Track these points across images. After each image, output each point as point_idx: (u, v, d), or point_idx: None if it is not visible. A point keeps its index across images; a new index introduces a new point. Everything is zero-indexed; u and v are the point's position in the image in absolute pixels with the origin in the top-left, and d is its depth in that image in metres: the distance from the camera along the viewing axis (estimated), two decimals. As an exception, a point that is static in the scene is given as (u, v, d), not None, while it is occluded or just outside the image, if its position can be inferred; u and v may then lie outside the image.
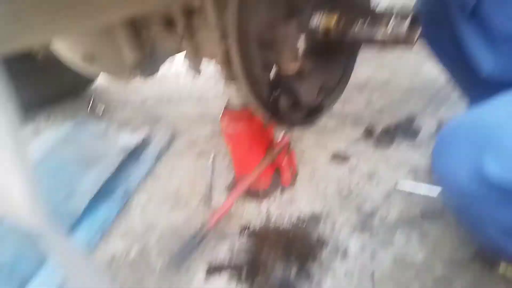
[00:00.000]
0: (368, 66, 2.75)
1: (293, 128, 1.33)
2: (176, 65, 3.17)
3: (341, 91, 1.48)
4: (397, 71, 2.60)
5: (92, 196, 1.64)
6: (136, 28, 1.39)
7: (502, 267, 1.10)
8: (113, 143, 2.10)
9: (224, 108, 1.46)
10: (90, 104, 2.65)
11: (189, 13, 1.20)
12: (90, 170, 1.86)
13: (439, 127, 1.81)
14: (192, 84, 2.96)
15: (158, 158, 2.00)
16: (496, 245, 0.78)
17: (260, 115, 1.12)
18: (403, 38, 0.91)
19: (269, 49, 0.95)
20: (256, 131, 1.47)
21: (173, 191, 1.72)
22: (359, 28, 0.96)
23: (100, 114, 2.58)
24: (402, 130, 1.86)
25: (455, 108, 2.01)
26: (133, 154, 1.99)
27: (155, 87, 2.98)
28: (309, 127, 1.42)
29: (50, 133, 2.23)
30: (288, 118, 1.21)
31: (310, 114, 1.36)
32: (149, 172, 1.89)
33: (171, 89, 2.93)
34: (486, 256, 1.13)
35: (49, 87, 2.67)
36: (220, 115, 1.46)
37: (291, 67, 0.97)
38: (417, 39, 0.96)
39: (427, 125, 1.89)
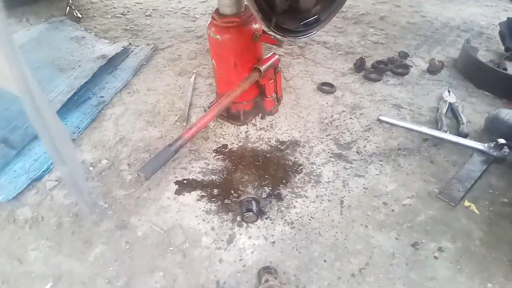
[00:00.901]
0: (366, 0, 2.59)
1: (286, 38, 1.23)
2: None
3: (341, 3, 1.35)
4: (396, 7, 2.46)
5: (64, 102, 1.57)
6: None
7: (467, 203, 1.14)
8: (89, 49, 1.98)
9: (213, 14, 1.35)
10: (68, 8, 2.44)
11: None
12: (63, 75, 1.75)
13: (430, 67, 1.76)
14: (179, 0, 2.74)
15: (136, 70, 1.90)
16: None
17: (254, 13, 1.01)
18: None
19: None
20: (243, 44, 1.38)
21: (150, 106, 1.65)
22: None
23: (78, 19, 2.39)
24: (393, 66, 1.80)
25: (448, 50, 1.94)
26: (110, 64, 1.88)
27: (139, -3, 2.75)
28: (302, 38, 1.31)
29: (22, 32, 2.07)
30: (283, 23, 1.11)
31: (306, 25, 1.26)
32: (126, 85, 1.80)
33: (157, 1, 2.72)
34: (452, 193, 1.15)
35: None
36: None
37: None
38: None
39: (418, 64, 1.84)
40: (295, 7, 1.05)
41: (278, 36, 1.18)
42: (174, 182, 1.26)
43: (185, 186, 1.24)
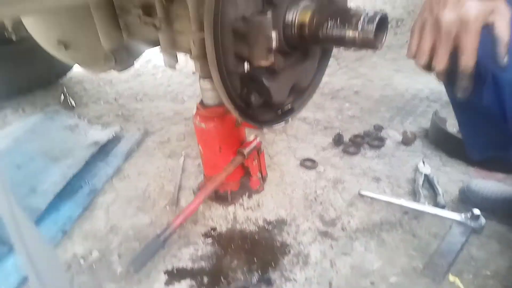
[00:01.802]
0: (342, 75, 2.81)
1: (263, 127, 1.33)
2: (153, 61, 3.14)
3: (312, 92, 1.49)
4: (369, 82, 2.67)
5: (56, 193, 1.61)
6: (114, 12, 1.36)
7: (451, 277, 1.17)
8: (82, 137, 2.07)
9: (198, 104, 1.47)
10: (62, 96, 2.59)
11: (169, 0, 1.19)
12: (57, 165, 1.82)
13: (404, 139, 1.88)
14: (168, 82, 2.93)
15: (128, 156, 1.98)
16: None
17: (231, 109, 1.12)
18: (370, 40, 0.94)
19: (243, 42, 0.96)
20: (227, 130, 1.48)
21: (140, 191, 1.71)
22: (330, 27, 0.98)
23: (72, 107, 2.52)
24: (369, 139, 1.92)
25: (420, 120, 2.09)
26: (103, 151, 1.97)
27: (131, 82, 2.94)
28: (278, 127, 1.42)
29: (18, 124, 2.17)
30: (259, 116, 1.21)
31: (281, 114, 1.37)
32: (118, 171, 1.87)
33: (146, 85, 2.90)
34: (436, 269, 1.19)
35: (21, 77, 2.59)
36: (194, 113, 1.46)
37: (263, 63, 0.97)
38: (383, 43, 0.99)
39: (392, 136, 1.96)
40: (269, 102, 1.17)
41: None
42: (164, 272, 1.27)
43: (175, 275, 1.26)
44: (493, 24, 0.75)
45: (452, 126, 1.97)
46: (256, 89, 1.10)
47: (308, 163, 1.80)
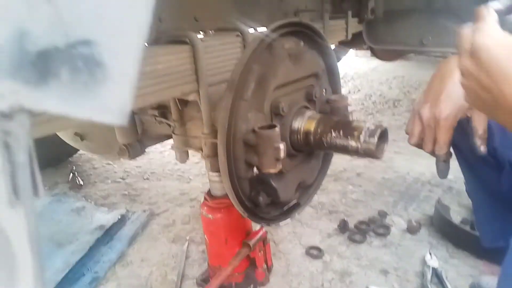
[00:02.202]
0: (344, 157, 2.89)
1: (270, 225, 1.37)
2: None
3: (317, 188, 1.54)
4: (370, 163, 2.74)
5: (58, 281, 1.59)
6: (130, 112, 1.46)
7: None
8: (88, 221, 2.08)
9: (205, 195, 1.50)
10: (70, 176, 2.65)
11: (183, 102, 1.29)
12: (61, 250, 1.81)
13: (409, 228, 1.88)
14: (175, 160, 3.01)
15: (132, 240, 1.98)
16: None
17: (240, 212, 1.15)
18: (372, 151, 1.00)
19: (252, 151, 1.02)
20: (233, 222, 1.50)
21: (143, 280, 1.67)
22: (334, 137, 1.05)
23: (80, 186, 2.57)
24: (375, 226, 1.92)
25: (423, 207, 2.11)
26: (107, 234, 1.97)
27: (139, 161, 3.02)
28: (284, 221, 1.46)
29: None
30: (266, 214, 1.25)
31: (287, 210, 1.41)
32: (121, 256, 1.85)
33: (154, 163, 2.98)
34: None
35: (31, 156, 2.68)
36: (201, 199, 1.49)
37: (272, 170, 1.03)
38: (384, 152, 1.06)
39: (397, 223, 1.97)
40: (277, 201, 1.21)
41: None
42: None
43: None
44: (471, 118, 0.86)
45: (456, 214, 1.99)
46: (264, 189, 1.14)
47: (314, 252, 1.78)
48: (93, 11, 0.22)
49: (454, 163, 2.51)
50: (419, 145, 1.00)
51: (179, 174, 2.77)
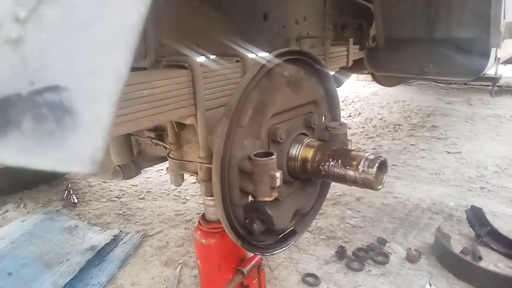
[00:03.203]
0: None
1: (266, 255, 1.33)
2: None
3: (314, 215, 1.51)
4: (371, 187, 2.70)
5: (45, 305, 1.54)
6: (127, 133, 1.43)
7: None
8: (80, 240, 2.04)
9: (200, 219, 1.47)
10: (65, 193, 2.61)
11: (180, 125, 1.26)
12: (50, 271, 1.76)
13: (408, 256, 1.83)
14: (172, 179, 2.98)
15: (124, 262, 1.92)
16: None
17: (233, 240, 1.12)
18: (371, 182, 0.97)
19: (247, 179, 1.00)
20: (227, 247, 1.45)
21: (133, 306, 1.62)
22: (332, 166, 1.03)
23: (74, 204, 2.53)
24: (373, 254, 1.88)
25: (423, 234, 2.06)
26: (99, 255, 1.92)
27: (135, 179, 2.98)
28: (280, 251, 1.41)
29: (18, 224, 2.15)
30: (260, 243, 1.21)
31: (283, 238, 1.37)
32: (111, 279, 1.79)
33: (151, 182, 2.94)
34: None
35: (27, 172, 2.65)
36: (197, 221, 1.45)
37: (268, 199, 1.00)
38: (383, 183, 1.03)
39: (397, 252, 1.92)
40: (272, 229, 1.17)
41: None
42: None
43: None
44: None
45: (457, 243, 1.94)
46: (259, 217, 1.11)
47: (311, 279, 1.73)
48: (65, 54, 0.20)
49: (453, 190, 2.47)
50: None
51: (176, 194, 2.73)
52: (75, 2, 0.21)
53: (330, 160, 1.02)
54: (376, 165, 0.95)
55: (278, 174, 0.94)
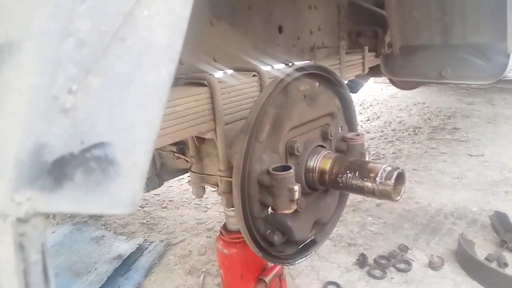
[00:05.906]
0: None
1: (287, 265, 1.35)
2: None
3: (334, 224, 1.52)
4: (391, 193, 2.68)
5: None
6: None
7: None
8: (107, 249, 2.11)
9: (221, 228, 1.50)
10: (91, 203, 2.71)
11: (200, 140, 1.31)
12: (79, 280, 1.83)
13: (431, 263, 1.81)
14: (192, 187, 3.04)
15: (149, 270, 1.98)
16: None
17: (255, 252, 1.15)
18: (389, 193, 0.99)
19: (267, 192, 1.03)
20: (249, 257, 1.48)
21: (159, 314, 1.67)
22: (350, 177, 1.04)
23: (100, 215, 2.62)
24: (395, 261, 1.86)
25: (446, 240, 2.03)
26: (125, 263, 1.98)
27: (158, 189, 3.06)
28: (301, 262, 1.43)
29: (49, 236, 2.25)
30: (281, 253, 1.23)
31: (303, 247, 1.39)
32: (137, 287, 1.85)
33: (173, 191, 3.01)
34: None
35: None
36: (218, 229, 1.49)
37: (287, 211, 1.03)
38: (402, 194, 1.04)
39: (419, 259, 1.90)
40: (292, 240, 1.19)
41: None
42: None
43: None
44: None
45: (482, 249, 1.91)
46: (279, 229, 1.14)
47: (332, 288, 1.73)
48: (108, 114, 0.24)
49: (476, 194, 2.42)
50: None
51: (197, 203, 2.78)
52: (115, 70, 0.25)
53: (348, 172, 1.03)
54: (394, 176, 0.96)
55: (296, 188, 0.97)
